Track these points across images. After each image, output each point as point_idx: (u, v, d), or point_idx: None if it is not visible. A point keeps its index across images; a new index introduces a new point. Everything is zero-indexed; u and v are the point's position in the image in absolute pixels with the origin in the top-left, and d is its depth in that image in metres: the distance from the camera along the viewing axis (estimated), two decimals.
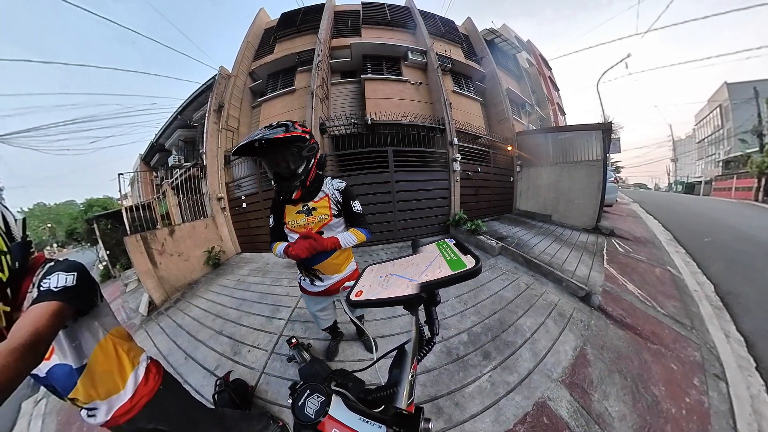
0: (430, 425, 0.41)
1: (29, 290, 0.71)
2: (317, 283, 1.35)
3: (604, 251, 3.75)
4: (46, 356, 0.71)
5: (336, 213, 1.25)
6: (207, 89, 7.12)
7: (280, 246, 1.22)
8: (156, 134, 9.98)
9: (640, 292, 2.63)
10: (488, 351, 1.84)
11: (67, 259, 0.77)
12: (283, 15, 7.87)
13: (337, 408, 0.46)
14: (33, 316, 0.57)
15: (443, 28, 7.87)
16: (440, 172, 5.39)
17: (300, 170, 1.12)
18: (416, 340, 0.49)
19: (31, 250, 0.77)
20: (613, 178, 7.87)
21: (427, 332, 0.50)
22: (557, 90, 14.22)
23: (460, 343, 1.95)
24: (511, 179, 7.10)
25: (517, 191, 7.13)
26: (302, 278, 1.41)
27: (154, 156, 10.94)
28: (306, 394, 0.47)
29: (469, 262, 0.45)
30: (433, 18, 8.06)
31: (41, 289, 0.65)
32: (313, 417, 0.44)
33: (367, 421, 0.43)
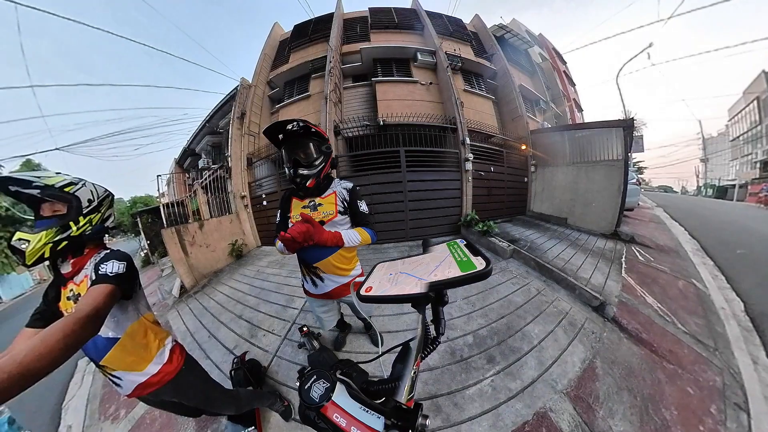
0: (428, 422, 0.41)
1: (85, 266, 0.84)
2: (319, 284, 1.28)
3: (623, 259, 3.41)
4: None
5: (342, 210, 1.20)
6: (230, 99, 7.52)
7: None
8: (188, 140, 10.78)
9: (659, 305, 2.36)
10: (493, 355, 1.76)
11: (119, 249, 0.89)
12: (296, 27, 8.05)
13: (341, 395, 0.46)
14: (94, 294, 0.68)
15: (451, 27, 7.64)
16: (452, 171, 5.22)
17: (317, 162, 1.15)
18: (421, 338, 0.49)
19: (104, 235, 0.95)
20: (634, 180, 7.07)
21: (432, 331, 0.50)
22: (573, 85, 13.24)
23: (464, 344, 1.88)
24: (525, 180, 6.72)
25: (531, 192, 6.74)
26: (304, 280, 1.35)
27: (187, 159, 11.72)
28: (313, 379, 0.48)
29: (479, 263, 0.44)
30: (441, 18, 7.83)
31: (99, 272, 0.76)
32: (317, 401, 0.44)
33: (367, 411, 0.43)
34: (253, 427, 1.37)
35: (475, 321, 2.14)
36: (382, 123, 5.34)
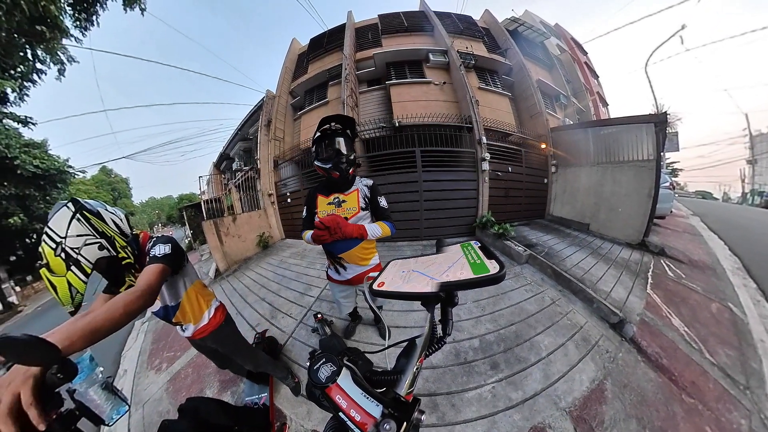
0: (423, 417, 0.41)
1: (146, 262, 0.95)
2: (342, 272, 1.37)
3: (650, 273, 2.97)
4: (158, 299, 1.04)
5: (363, 206, 1.25)
6: (258, 109, 8.08)
7: (309, 233, 1.21)
8: (223, 146, 11.93)
9: (686, 329, 2.02)
10: (497, 362, 1.67)
11: (164, 235, 1.03)
12: (312, 40, 8.23)
13: (345, 379, 0.47)
14: (148, 273, 0.80)
15: (461, 25, 7.31)
16: (468, 171, 5.00)
17: (351, 157, 1.22)
18: (428, 336, 0.49)
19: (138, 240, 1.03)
20: (668, 183, 6.02)
21: (439, 331, 0.50)
22: (596, 77, 11.77)
23: (470, 347, 1.81)
24: (545, 181, 6.19)
25: (551, 194, 6.18)
26: (329, 268, 1.45)
27: (223, 163, 12.80)
28: (321, 361, 0.49)
29: (492, 267, 0.43)
30: (450, 17, 7.50)
31: (150, 254, 0.89)
32: (323, 381, 0.46)
33: (368, 397, 0.44)
34: (265, 394, 1.54)
35: (483, 325, 2.04)
36: (397, 124, 5.27)
